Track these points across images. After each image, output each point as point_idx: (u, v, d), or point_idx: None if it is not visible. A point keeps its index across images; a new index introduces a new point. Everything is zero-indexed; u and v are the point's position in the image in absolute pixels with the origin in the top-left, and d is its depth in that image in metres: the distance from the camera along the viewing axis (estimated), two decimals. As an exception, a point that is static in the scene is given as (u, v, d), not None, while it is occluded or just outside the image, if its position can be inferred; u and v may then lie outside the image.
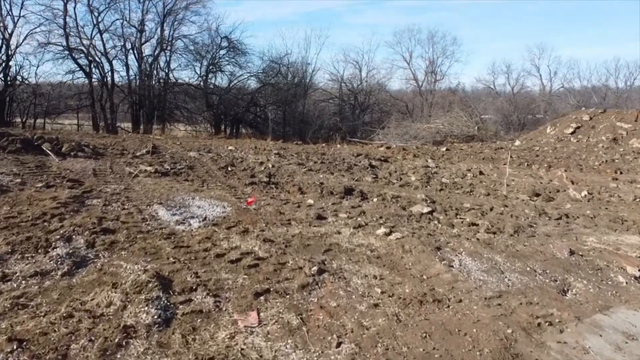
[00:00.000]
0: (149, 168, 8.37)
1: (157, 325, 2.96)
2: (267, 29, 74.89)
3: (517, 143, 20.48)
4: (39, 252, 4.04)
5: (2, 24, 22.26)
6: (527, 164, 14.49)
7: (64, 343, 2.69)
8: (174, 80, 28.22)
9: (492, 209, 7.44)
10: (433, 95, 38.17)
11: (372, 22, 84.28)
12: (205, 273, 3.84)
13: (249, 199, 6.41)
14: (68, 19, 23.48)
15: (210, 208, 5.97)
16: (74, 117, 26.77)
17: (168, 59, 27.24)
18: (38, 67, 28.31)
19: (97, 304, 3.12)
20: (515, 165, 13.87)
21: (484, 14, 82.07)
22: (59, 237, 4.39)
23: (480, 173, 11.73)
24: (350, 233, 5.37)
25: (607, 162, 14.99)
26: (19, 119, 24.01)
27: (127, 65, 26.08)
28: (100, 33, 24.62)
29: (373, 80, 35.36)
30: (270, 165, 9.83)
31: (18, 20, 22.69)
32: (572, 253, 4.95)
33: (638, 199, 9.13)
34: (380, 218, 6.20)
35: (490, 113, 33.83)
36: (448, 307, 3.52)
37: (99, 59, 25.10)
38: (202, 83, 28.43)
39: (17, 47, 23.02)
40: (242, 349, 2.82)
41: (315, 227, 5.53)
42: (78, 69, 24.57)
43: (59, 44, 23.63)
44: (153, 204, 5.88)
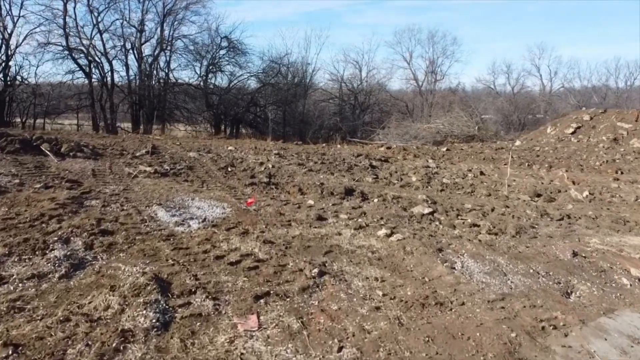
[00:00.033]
0: (149, 168, 8.33)
1: (155, 330, 2.90)
2: (267, 29, 74.97)
3: (517, 143, 20.45)
4: (37, 254, 3.99)
5: (1, 24, 22.23)
6: (527, 164, 14.45)
7: (61, 348, 2.64)
8: (174, 80, 28.22)
9: (493, 210, 7.40)
10: (433, 95, 38.13)
11: (372, 22, 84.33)
12: (205, 275, 3.79)
13: (249, 200, 6.37)
14: (68, 19, 23.50)
15: (210, 209, 5.92)
16: (74, 117, 26.73)
17: (168, 59, 27.25)
18: (38, 67, 28.34)
19: (94, 308, 3.07)
20: (516, 166, 13.83)
21: (484, 14, 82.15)
22: (57, 238, 4.34)
23: (481, 173, 11.69)
24: (351, 234, 5.33)
25: (607, 162, 14.95)
26: (19, 119, 24.00)
27: (127, 65, 26.09)
28: (100, 33, 24.62)
29: (373, 80, 35.38)
30: (271, 166, 9.79)
31: (18, 20, 22.70)
32: (575, 255, 4.90)
33: (640, 200, 9.09)
34: (381, 219, 6.15)
35: (491, 113, 33.79)
36: (451, 310, 3.47)
37: (99, 59, 25.11)
38: (202, 83, 28.40)
39: (16, 47, 23.03)
40: (241, 354, 2.77)
41: (316, 228, 5.49)
42: (78, 69, 24.57)
43: (59, 44, 23.64)
44: (152, 205, 5.83)
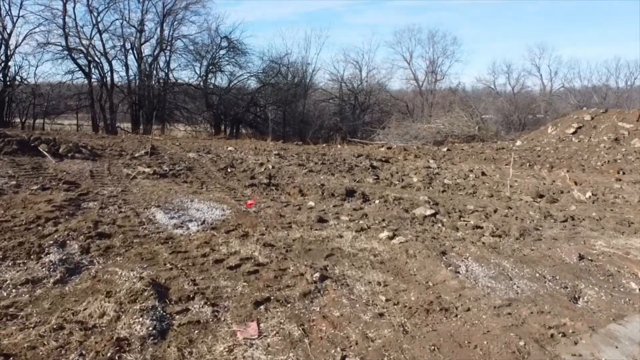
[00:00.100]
0: (147, 169, 8.24)
1: (152, 338, 2.81)
2: (267, 29, 74.73)
3: (518, 143, 20.35)
4: (31, 258, 3.90)
5: (1, 24, 22.15)
6: (529, 165, 14.36)
7: (53, 358, 2.55)
8: (174, 81, 28.11)
9: (496, 211, 7.31)
10: (433, 95, 38.01)
11: (372, 22, 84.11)
12: (203, 280, 3.70)
13: (249, 202, 6.28)
14: (67, 19, 23.39)
15: (209, 211, 5.83)
16: (74, 117, 26.64)
17: (168, 59, 27.14)
18: (37, 67, 28.07)
19: (89, 315, 2.97)
20: (517, 166, 13.73)
21: (484, 14, 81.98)
22: (53, 242, 4.25)
23: (483, 174, 11.59)
24: (353, 237, 5.24)
25: (609, 162, 14.85)
26: (18, 120, 23.91)
27: (126, 66, 25.98)
28: (100, 33, 24.51)
29: (373, 80, 35.24)
30: (271, 167, 9.69)
31: (17, 20, 22.61)
32: (581, 258, 4.81)
33: (644, 201, 9.00)
34: (383, 221, 6.07)
35: (491, 113, 33.68)
36: (456, 316, 3.37)
37: (99, 59, 25.02)
38: (201, 83, 28.29)
39: (16, 47, 22.94)
40: (241, 363, 2.68)
41: (317, 230, 5.40)
42: (77, 69, 24.46)
43: (58, 44, 23.53)
44: (151, 207, 5.75)
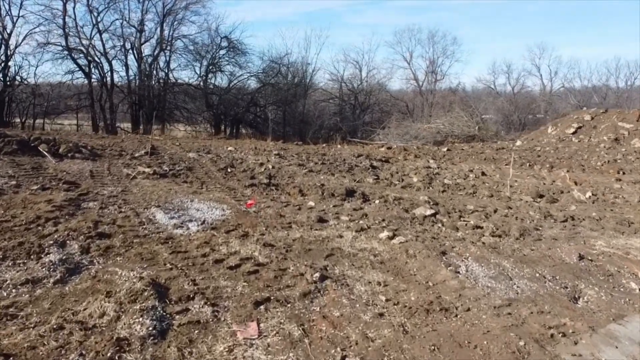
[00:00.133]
0: (147, 169, 8.24)
1: (152, 338, 2.81)
2: (267, 29, 74.71)
3: (518, 143, 20.35)
4: (32, 258, 3.90)
5: (1, 24, 22.15)
6: (529, 165, 14.36)
7: (53, 358, 2.55)
8: (174, 81, 28.11)
9: (496, 211, 7.31)
10: (433, 95, 38.01)
11: (372, 22, 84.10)
12: (203, 280, 3.70)
13: (249, 202, 6.28)
14: (67, 19, 23.39)
15: (209, 211, 5.83)
16: (74, 117, 26.64)
17: (168, 59, 27.14)
18: (37, 67, 28.06)
19: (89, 315, 2.97)
20: (517, 166, 13.73)
21: (484, 14, 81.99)
22: (53, 242, 4.25)
23: (483, 174, 11.58)
24: (353, 237, 5.24)
25: (609, 162, 14.85)
26: (18, 120, 23.91)
27: (126, 66, 25.98)
28: (100, 33, 24.51)
29: (373, 80, 35.23)
30: (271, 167, 9.69)
31: (17, 20, 22.61)
32: (581, 258, 4.81)
33: (644, 201, 8.99)
34: (383, 221, 6.07)
35: (491, 113, 33.67)
36: (456, 316, 3.37)
37: (99, 59, 25.01)
38: (201, 83, 28.28)
39: (16, 47, 22.94)
40: (241, 363, 2.68)
41: (317, 230, 5.40)
42: (77, 69, 24.46)
43: (58, 44, 23.53)
44: (151, 207, 5.75)
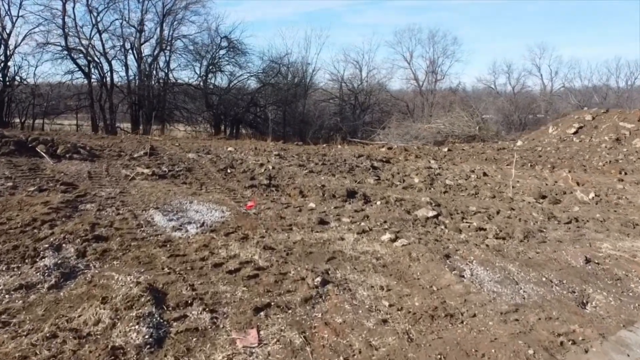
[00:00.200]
0: (146, 170, 8.14)
1: (148, 346, 2.72)
2: (267, 29, 74.57)
3: (519, 143, 20.26)
4: (26, 262, 3.81)
5: (0, 24, 22.05)
6: (530, 165, 14.26)
7: (46, 368, 2.47)
8: (174, 81, 27.99)
9: (498, 212, 7.23)
10: (434, 95, 37.93)
11: (372, 22, 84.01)
12: (202, 285, 3.61)
13: (249, 203, 6.19)
14: (67, 19, 23.27)
15: (209, 212, 5.75)
16: (73, 117, 26.53)
17: (167, 59, 27.01)
18: (37, 67, 27.90)
19: (84, 322, 2.89)
20: (519, 166, 13.63)
21: (484, 14, 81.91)
22: (48, 245, 4.16)
23: (484, 174, 11.50)
24: (354, 239, 5.15)
25: (611, 162, 14.76)
26: (18, 120, 23.83)
27: (126, 66, 25.85)
28: (100, 33, 24.39)
29: (373, 80, 35.14)
30: (271, 167, 9.60)
31: (16, 21, 22.49)
32: (587, 261, 4.72)
33: (648, 202, 8.91)
34: (385, 222, 5.98)
35: (491, 113, 33.58)
36: (462, 322, 3.28)
37: (98, 59, 24.89)
38: (201, 83, 28.17)
39: (15, 47, 22.82)
40: (240, 372, 2.59)
41: (318, 232, 5.31)
42: (77, 69, 24.33)
43: (58, 44, 23.40)
44: (149, 209, 5.66)
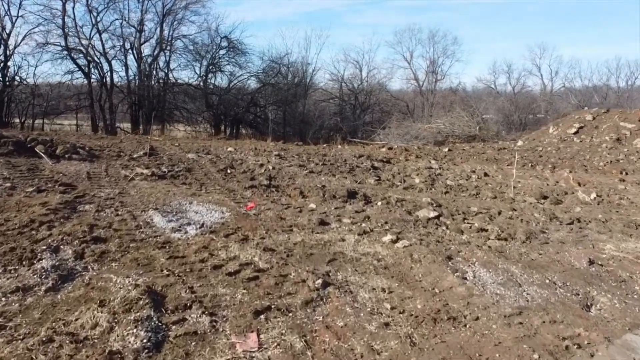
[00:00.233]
0: (146, 171, 8.10)
1: (146, 351, 2.67)
2: (267, 29, 74.53)
3: (519, 143, 20.22)
4: (23, 264, 3.76)
5: (0, 24, 22.01)
6: (531, 165, 14.22)
7: (41, 374, 2.42)
8: (174, 81, 27.95)
9: (500, 213, 7.18)
10: (434, 95, 37.87)
11: (372, 22, 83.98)
12: (201, 288, 3.56)
13: (249, 204, 6.14)
14: (67, 19, 23.22)
15: (208, 213, 5.70)
16: (73, 117, 26.49)
17: (167, 59, 26.97)
18: (36, 67, 27.81)
19: (81, 325, 2.84)
20: (519, 166, 13.58)
21: (484, 14, 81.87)
22: (46, 247, 4.11)
23: (485, 174, 11.45)
24: (355, 240, 5.10)
25: (611, 162, 14.71)
26: (18, 120, 23.78)
27: (126, 66, 25.80)
28: (99, 33, 24.35)
29: (374, 80, 35.09)
30: (271, 167, 9.56)
31: (16, 20, 22.44)
32: (591, 263, 4.67)
33: (650, 202, 8.86)
34: (386, 223, 5.93)
35: (492, 113, 33.53)
36: (465, 326, 3.23)
37: (98, 59, 24.84)
38: (201, 83, 28.12)
39: (15, 47, 22.78)
40: (240, 377, 2.54)
41: (318, 233, 5.26)
42: (77, 69, 24.28)
43: (58, 44, 23.36)
44: (148, 210, 5.62)
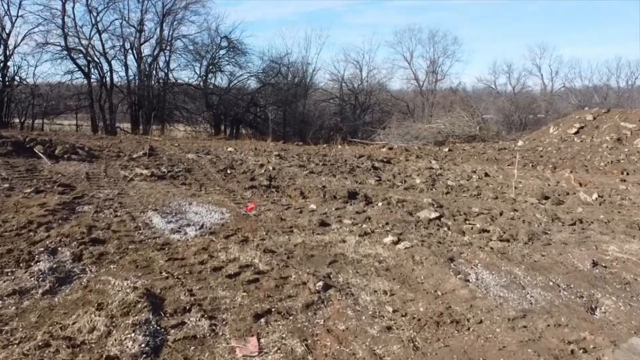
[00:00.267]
0: (145, 171, 8.05)
1: (144, 356, 2.62)
2: (267, 29, 74.40)
3: (520, 143, 20.17)
4: (20, 266, 3.72)
5: (0, 24, 21.97)
6: (532, 165, 14.17)
7: (37, 379, 2.37)
8: (174, 81, 27.90)
9: (501, 214, 7.13)
10: (434, 95, 37.79)
11: (372, 22, 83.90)
12: (201, 290, 3.51)
13: (249, 205, 6.09)
14: (66, 19, 23.17)
15: (208, 214, 5.66)
16: (73, 117, 26.45)
17: (167, 59, 26.92)
18: (36, 67, 27.72)
19: (78, 330, 2.79)
20: (520, 166, 13.53)
21: (484, 14, 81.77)
22: (44, 249, 4.06)
23: (486, 175, 11.40)
24: (356, 241, 5.06)
25: (612, 162, 14.66)
26: (17, 120, 23.74)
27: (126, 66, 25.75)
28: (99, 33, 24.30)
29: (374, 80, 35.02)
30: (271, 168, 9.51)
31: (16, 20, 22.41)
32: (595, 264, 4.62)
33: (652, 203, 8.81)
34: (387, 224, 5.89)
35: (492, 113, 33.48)
36: (468, 329, 3.18)
37: (98, 59, 24.79)
38: (201, 83, 28.07)
39: (15, 47, 22.74)
40: (240, 382, 2.49)
41: (319, 235, 5.22)
42: (77, 69, 24.22)
43: (58, 44, 23.30)
44: (147, 211, 5.57)
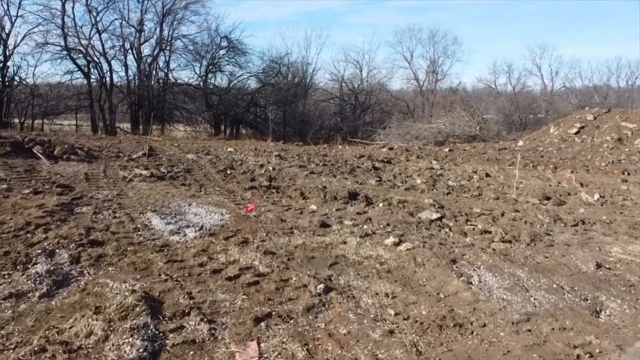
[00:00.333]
0: (145, 172, 8.00)
1: (142, 361, 2.59)
2: (267, 29, 74.31)
3: (520, 143, 20.13)
4: (17, 269, 3.67)
5: None
6: (532, 165, 14.12)
7: (33, 386, 2.33)
8: (174, 81, 27.86)
9: (503, 214, 7.09)
10: (434, 95, 37.73)
11: (372, 22, 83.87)
12: (200, 293, 3.47)
13: (249, 206, 6.04)
14: (66, 19, 23.14)
15: (208, 215, 5.61)
16: (73, 117, 26.41)
17: (167, 59, 26.89)
18: (36, 67, 27.63)
19: (75, 334, 2.74)
20: (521, 167, 13.48)
21: (484, 14, 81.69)
22: (41, 251, 4.02)
23: (487, 175, 11.36)
24: (357, 243, 5.01)
25: (613, 162, 14.62)
26: (17, 120, 23.69)
27: (126, 66, 25.70)
28: (99, 33, 24.26)
29: (374, 80, 34.96)
30: (271, 168, 9.46)
31: (16, 20, 22.40)
32: (598, 266, 4.57)
33: (654, 203, 8.76)
34: (388, 225, 5.84)
35: (492, 113, 33.43)
36: (472, 333, 3.13)
37: (98, 59, 24.75)
38: (201, 83, 28.02)
39: (14, 47, 22.71)
40: (240, 388, 2.45)
41: (320, 236, 5.17)
42: (76, 69, 24.18)
43: (57, 44, 23.28)
44: (147, 212, 5.52)
